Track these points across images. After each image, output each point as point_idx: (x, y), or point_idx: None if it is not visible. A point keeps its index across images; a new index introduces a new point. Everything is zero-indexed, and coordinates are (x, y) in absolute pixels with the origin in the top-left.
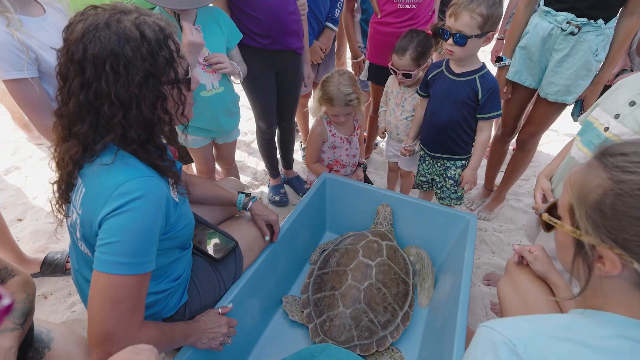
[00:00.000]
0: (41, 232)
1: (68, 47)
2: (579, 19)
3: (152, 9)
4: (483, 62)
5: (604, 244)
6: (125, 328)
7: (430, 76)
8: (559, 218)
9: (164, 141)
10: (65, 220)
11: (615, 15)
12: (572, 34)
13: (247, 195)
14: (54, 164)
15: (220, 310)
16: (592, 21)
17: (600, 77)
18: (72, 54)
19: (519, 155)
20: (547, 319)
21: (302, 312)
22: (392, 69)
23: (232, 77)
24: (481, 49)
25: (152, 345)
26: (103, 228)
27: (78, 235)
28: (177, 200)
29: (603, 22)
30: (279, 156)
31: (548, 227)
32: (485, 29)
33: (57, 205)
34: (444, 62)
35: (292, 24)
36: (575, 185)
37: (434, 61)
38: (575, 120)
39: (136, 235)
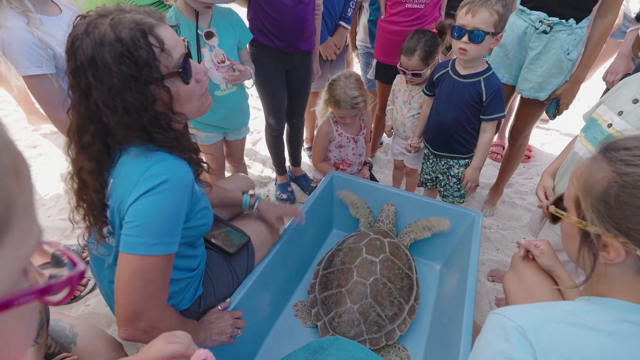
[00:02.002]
0: (53, 228)
1: (70, 54)
2: (551, 18)
3: (169, 7)
4: (488, 64)
5: (608, 233)
6: (154, 306)
7: (436, 77)
8: (565, 210)
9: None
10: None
11: (587, 16)
12: (544, 32)
13: (252, 195)
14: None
15: (219, 306)
16: (563, 20)
17: (576, 76)
18: (68, 68)
19: (511, 150)
20: (554, 305)
21: (310, 311)
22: (402, 70)
23: (245, 82)
24: None
25: (187, 333)
26: (131, 211)
27: (105, 230)
28: (197, 190)
29: (574, 21)
30: (286, 154)
31: (554, 219)
32: (498, 29)
33: (97, 232)
34: (450, 63)
35: (308, 29)
36: (580, 178)
37: (440, 61)
38: (550, 118)
39: (164, 217)
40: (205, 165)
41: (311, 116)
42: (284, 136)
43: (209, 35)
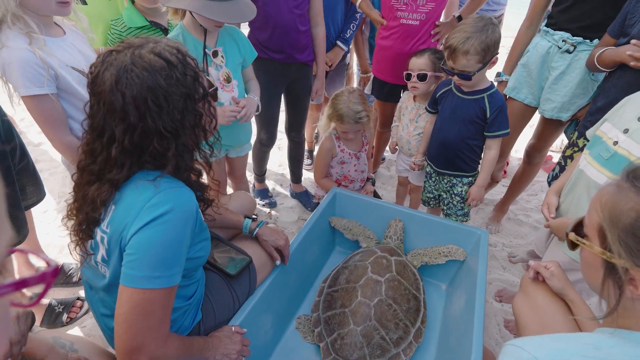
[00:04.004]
0: (51, 245)
1: (103, 99)
2: (575, 37)
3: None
4: (492, 82)
5: (637, 267)
6: (154, 339)
7: (439, 94)
8: (583, 236)
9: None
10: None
11: None
12: (567, 52)
13: (254, 219)
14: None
15: (233, 328)
16: (587, 40)
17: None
18: (112, 104)
19: (526, 168)
20: (575, 337)
21: (314, 330)
22: (407, 73)
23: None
24: None
25: (193, 354)
26: (133, 243)
27: (99, 257)
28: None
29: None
30: (287, 170)
31: (573, 246)
32: (487, 59)
33: (79, 245)
34: (453, 80)
35: (303, 40)
36: (605, 207)
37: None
38: (568, 139)
39: (167, 248)
40: (209, 205)
41: (311, 120)
42: (286, 153)
43: (215, 54)
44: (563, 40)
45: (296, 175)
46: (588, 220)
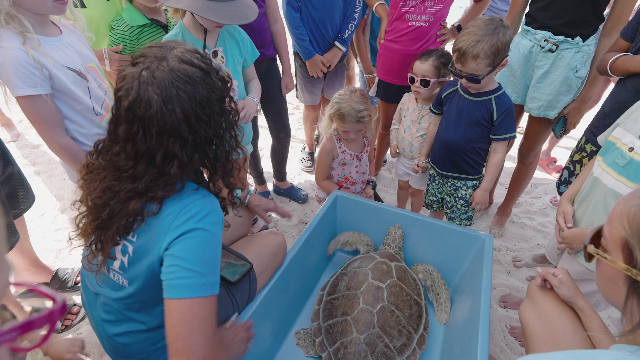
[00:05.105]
0: (48, 250)
1: (152, 122)
2: (556, 36)
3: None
4: (499, 83)
5: None
6: (213, 346)
7: (444, 94)
8: (599, 246)
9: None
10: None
11: (593, 34)
12: (550, 51)
13: (242, 190)
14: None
15: (227, 325)
16: (569, 39)
17: (583, 95)
18: (163, 124)
19: (521, 168)
20: (591, 355)
21: (314, 341)
22: (411, 76)
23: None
24: None
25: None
26: (177, 254)
27: (117, 265)
28: None
29: (581, 39)
30: (271, 168)
31: (590, 257)
32: (497, 62)
33: (101, 254)
34: (461, 82)
35: (268, 37)
36: (634, 222)
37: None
38: (557, 137)
39: (214, 255)
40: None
41: (310, 122)
42: (269, 151)
43: (215, 54)
44: (545, 40)
45: (281, 173)
46: (609, 232)
